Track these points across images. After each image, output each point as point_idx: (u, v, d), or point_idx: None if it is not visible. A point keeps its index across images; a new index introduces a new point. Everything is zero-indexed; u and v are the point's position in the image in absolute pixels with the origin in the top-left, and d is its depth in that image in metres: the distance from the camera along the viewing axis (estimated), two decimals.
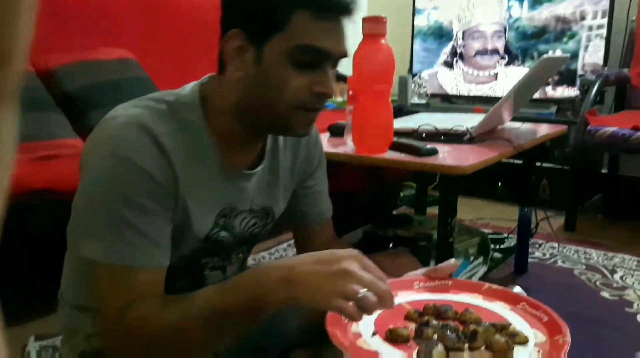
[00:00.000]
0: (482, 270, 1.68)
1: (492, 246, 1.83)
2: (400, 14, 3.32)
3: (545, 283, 1.93)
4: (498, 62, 3.07)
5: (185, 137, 0.80)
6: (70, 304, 0.91)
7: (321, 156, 1.05)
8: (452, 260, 0.85)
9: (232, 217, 0.90)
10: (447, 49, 3.21)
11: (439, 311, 0.75)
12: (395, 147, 1.35)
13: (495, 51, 3.08)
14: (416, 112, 2.55)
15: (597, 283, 1.92)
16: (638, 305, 1.75)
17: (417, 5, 3.35)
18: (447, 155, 1.34)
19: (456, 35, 3.18)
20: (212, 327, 0.72)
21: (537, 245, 2.26)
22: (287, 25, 0.76)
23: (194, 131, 0.81)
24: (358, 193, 1.77)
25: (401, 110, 3.01)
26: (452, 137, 1.54)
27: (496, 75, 3.09)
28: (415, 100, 3.35)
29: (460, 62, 3.16)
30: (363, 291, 0.65)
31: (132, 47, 2.11)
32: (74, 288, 0.91)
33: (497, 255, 1.92)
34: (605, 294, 1.84)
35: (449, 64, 3.23)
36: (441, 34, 3.25)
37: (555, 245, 2.25)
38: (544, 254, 2.20)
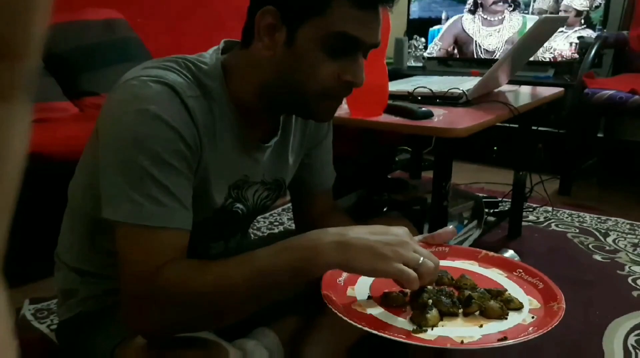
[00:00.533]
0: (476, 233, 1.69)
1: (486, 210, 1.83)
2: None
3: (538, 247, 1.95)
4: (507, 9, 3.05)
5: (208, 104, 0.79)
6: (68, 266, 0.91)
7: (329, 127, 1.05)
8: (450, 227, 0.85)
9: (245, 189, 0.90)
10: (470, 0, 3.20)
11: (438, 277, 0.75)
12: (390, 110, 1.33)
13: (506, 1, 3.06)
14: (412, 75, 2.52)
15: (590, 246, 1.94)
16: (629, 267, 1.77)
17: None
18: (442, 118, 1.32)
19: None
20: (254, 287, 0.70)
21: (531, 209, 2.26)
22: (326, 11, 0.74)
23: (216, 99, 0.80)
24: (353, 157, 1.76)
25: (397, 73, 2.98)
26: (448, 100, 1.52)
27: (503, 19, 3.07)
28: (412, 63, 3.31)
29: (480, 9, 3.13)
30: (422, 258, 0.68)
31: (121, 7, 2.06)
32: (72, 250, 0.90)
33: (491, 218, 1.92)
34: (597, 257, 1.85)
35: (472, 12, 3.19)
36: None
37: (550, 208, 2.26)
38: (538, 218, 2.21)
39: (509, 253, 1.64)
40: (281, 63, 0.78)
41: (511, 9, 3.04)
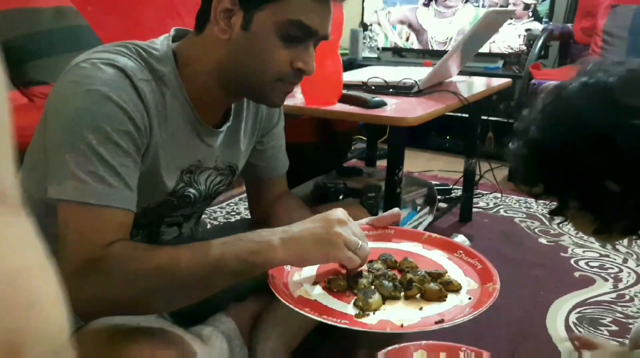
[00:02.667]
0: (429, 219, 1.74)
1: (438, 196, 1.89)
2: None
3: (488, 231, 2.02)
4: (460, 1, 3.13)
5: (158, 88, 0.79)
6: None
7: (281, 113, 1.06)
8: (395, 209, 0.88)
9: (198, 173, 0.90)
10: None
11: (382, 260, 0.78)
12: (344, 99, 1.36)
13: None
14: (367, 65, 2.56)
15: (536, 230, 2.03)
16: (572, 249, 1.87)
17: None
18: (394, 107, 1.36)
19: None
20: (202, 275, 0.71)
21: (481, 195, 2.34)
22: None
23: (167, 83, 0.80)
24: (309, 145, 1.78)
25: (352, 64, 3.01)
26: (401, 90, 1.56)
27: (455, 12, 3.14)
28: (367, 54, 3.35)
29: (434, 2, 3.20)
30: (360, 242, 0.72)
31: None
32: None
33: (443, 204, 1.99)
34: (543, 240, 1.94)
35: (426, 5, 3.25)
36: None
37: (499, 195, 2.35)
38: (488, 204, 2.29)
39: (460, 238, 1.71)
40: (236, 46, 0.79)
41: (464, 1, 3.12)
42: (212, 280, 0.72)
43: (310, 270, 0.77)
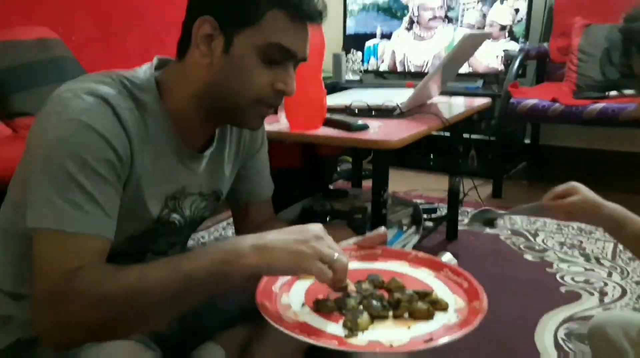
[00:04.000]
0: (415, 238, 1.76)
1: (424, 215, 1.91)
2: None
3: (474, 248, 2.05)
4: (441, 24, 3.22)
5: (141, 116, 0.80)
6: (3, 291, 0.89)
7: (264, 138, 1.07)
8: (382, 229, 0.89)
9: (182, 199, 0.90)
10: (406, 17, 3.32)
11: (370, 280, 0.79)
12: (328, 123, 1.38)
13: (439, 17, 3.21)
14: (350, 88, 2.60)
15: (521, 246, 2.05)
16: (557, 265, 1.89)
17: None
18: (377, 130, 1.38)
19: (412, 9, 3.28)
20: (172, 290, 0.69)
21: (466, 213, 2.37)
22: (261, 21, 0.78)
23: (149, 111, 0.81)
24: (295, 169, 1.79)
25: (336, 87, 3.05)
26: (383, 112, 1.59)
27: (434, 34, 3.23)
28: (350, 77, 3.39)
29: (416, 26, 3.28)
30: (336, 254, 0.70)
31: (55, 25, 2.02)
32: (7, 273, 0.88)
33: (429, 223, 2.01)
34: (528, 256, 1.97)
35: (408, 29, 3.32)
36: (397, 7, 3.34)
37: None
38: None
39: (447, 256, 1.72)
40: (218, 70, 0.80)
41: (444, 24, 3.19)
42: (185, 296, 0.71)
43: (299, 292, 0.77)
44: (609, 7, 2.71)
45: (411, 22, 3.29)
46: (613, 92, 2.41)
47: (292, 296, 0.76)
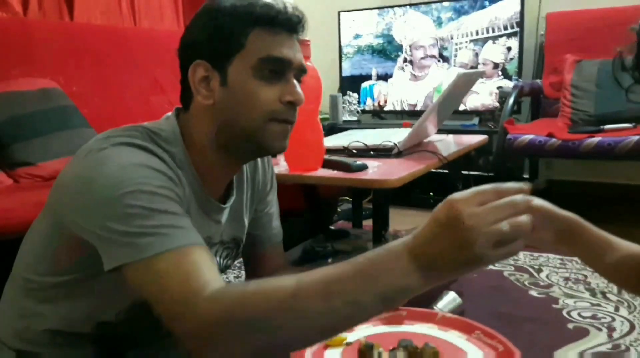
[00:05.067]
0: None
1: None
2: (328, 36, 3.41)
3: (477, 286, 2.02)
4: (435, 63, 3.28)
5: (174, 166, 0.80)
6: (10, 348, 0.87)
7: (273, 179, 1.07)
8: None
9: (209, 249, 0.90)
10: (400, 58, 3.39)
11: (402, 347, 0.75)
12: (327, 164, 1.39)
13: (432, 56, 3.28)
14: (348, 129, 2.62)
15: (526, 282, 2.03)
16: (563, 300, 1.86)
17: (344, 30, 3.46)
18: (376, 170, 1.39)
19: (405, 49, 3.35)
20: (336, 317, 0.60)
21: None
22: (246, 44, 0.80)
23: (178, 163, 0.81)
24: (296, 211, 1.79)
25: (333, 128, 3.09)
26: (381, 152, 1.60)
27: (427, 74, 3.30)
28: (347, 117, 3.44)
29: (409, 66, 3.35)
30: (503, 225, 0.56)
31: (56, 75, 2.06)
32: (15, 329, 0.87)
33: None
34: (533, 293, 1.94)
35: (401, 69, 3.38)
36: (391, 49, 3.42)
37: None
38: None
39: (451, 295, 1.70)
40: (223, 105, 0.81)
41: (439, 63, 3.26)
42: (346, 322, 0.62)
43: None
44: (599, 43, 2.77)
45: (405, 62, 3.35)
46: (608, 126, 2.43)
47: None
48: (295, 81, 0.84)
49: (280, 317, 0.60)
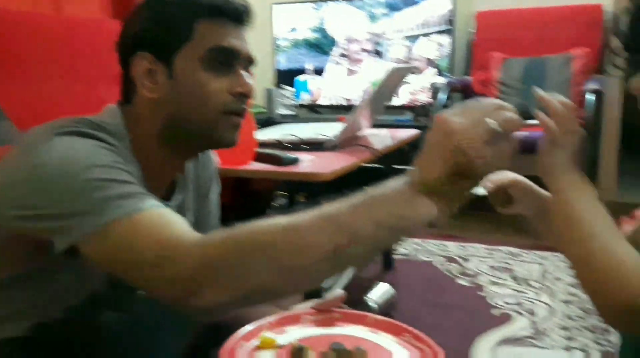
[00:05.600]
0: (351, 271, 1.76)
1: None
2: (262, 29, 3.39)
3: (409, 277, 2.08)
4: (369, 58, 3.32)
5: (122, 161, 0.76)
6: None
7: (216, 176, 1.05)
8: (340, 291, 0.87)
9: None
10: (335, 52, 3.40)
11: (334, 349, 0.76)
12: (259, 158, 1.38)
13: (367, 51, 3.31)
14: (284, 123, 2.62)
15: (454, 272, 2.11)
16: (489, 288, 1.95)
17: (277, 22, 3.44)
18: (309, 163, 1.40)
19: (339, 43, 3.38)
20: (336, 247, 0.58)
21: (401, 242, 2.41)
22: (193, 35, 0.78)
23: (125, 157, 0.77)
24: (229, 205, 1.77)
25: (269, 121, 3.07)
26: (315, 145, 1.60)
27: (362, 67, 3.34)
28: (283, 111, 3.42)
29: (344, 60, 3.37)
30: (492, 121, 0.59)
31: None
32: None
33: None
34: (461, 282, 2.02)
35: (336, 63, 3.40)
36: (326, 43, 3.42)
37: (418, 240, 2.42)
38: (408, 250, 2.36)
39: (384, 286, 1.74)
40: (170, 98, 0.79)
41: (373, 57, 3.30)
42: (348, 254, 0.60)
43: None
44: (525, 41, 2.90)
45: (340, 56, 3.38)
46: (531, 121, 2.55)
47: None
48: (244, 72, 0.82)
49: (273, 248, 0.58)
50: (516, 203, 0.82)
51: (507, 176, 0.83)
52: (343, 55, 3.36)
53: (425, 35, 3.15)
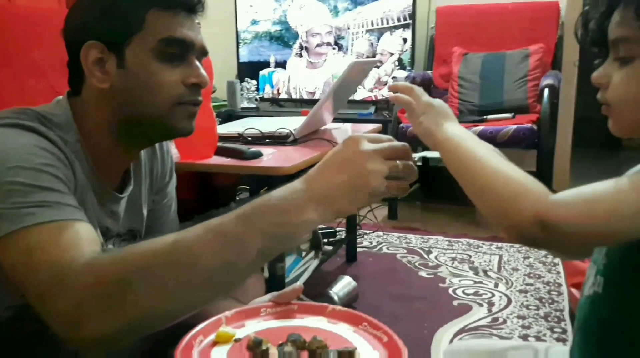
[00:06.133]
0: (314, 263, 1.77)
1: (323, 239, 1.93)
2: (224, 21, 3.35)
3: (372, 269, 2.10)
4: (331, 51, 3.33)
5: (68, 152, 0.75)
6: None
7: (172, 170, 1.03)
8: (297, 284, 0.87)
9: (105, 242, 0.84)
10: (296, 45, 3.38)
11: (291, 341, 0.76)
12: (220, 152, 1.37)
13: (328, 44, 3.32)
14: (246, 116, 2.60)
15: (416, 264, 2.14)
16: (449, 279, 1.98)
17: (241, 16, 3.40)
18: (271, 157, 1.39)
19: (301, 35, 3.35)
20: (224, 258, 0.58)
21: (364, 235, 2.43)
22: (144, 25, 0.76)
23: (72, 150, 0.75)
24: (190, 200, 1.75)
25: (231, 115, 3.04)
26: (277, 139, 1.60)
27: (325, 61, 3.35)
28: (245, 104, 3.40)
29: (306, 53, 3.35)
30: (399, 164, 0.62)
31: None
32: None
33: (329, 247, 2.03)
34: (423, 273, 2.05)
35: (299, 55, 3.38)
36: (289, 36, 3.41)
37: (381, 233, 2.45)
38: (371, 243, 2.38)
39: (346, 279, 1.75)
40: (122, 89, 0.77)
41: (335, 51, 3.31)
42: (238, 263, 0.59)
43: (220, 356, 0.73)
44: (484, 37, 2.95)
45: (301, 49, 3.37)
46: (490, 116, 2.60)
47: None
48: (197, 63, 0.81)
49: (159, 269, 0.57)
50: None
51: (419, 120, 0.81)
52: (306, 48, 3.36)
53: (389, 29, 3.17)
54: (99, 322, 0.57)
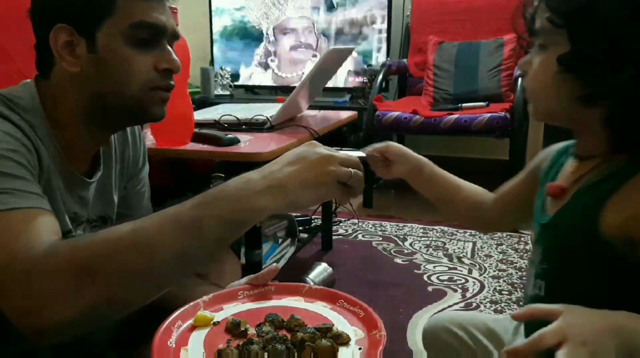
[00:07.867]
0: (291, 251, 1.77)
1: (299, 227, 1.93)
2: (198, 7, 3.30)
3: (348, 256, 2.11)
4: (311, 58, 3.23)
5: (33, 136, 0.73)
6: None
7: (145, 156, 1.02)
8: (274, 265, 0.87)
9: (74, 227, 0.83)
10: (260, 49, 3.30)
11: (269, 321, 0.76)
12: (196, 138, 1.35)
13: (309, 46, 3.24)
14: (220, 103, 2.57)
15: (392, 251, 2.16)
16: (424, 266, 2.01)
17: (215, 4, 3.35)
18: (248, 144, 1.38)
19: (267, 33, 3.26)
20: (181, 244, 0.59)
21: (339, 223, 2.44)
22: (115, 9, 0.75)
23: (38, 134, 0.74)
24: (165, 187, 1.73)
25: (205, 102, 3.00)
26: (254, 126, 1.59)
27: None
28: (219, 91, 3.36)
29: (275, 62, 3.28)
30: (352, 170, 0.66)
31: None
32: None
33: (304, 235, 2.04)
34: (398, 260, 2.07)
35: (263, 65, 3.31)
36: (249, 35, 3.30)
37: (356, 221, 2.46)
38: (347, 230, 2.39)
39: (322, 266, 1.76)
40: (93, 73, 0.76)
41: (312, 37, 3.28)
42: (193, 249, 0.61)
43: (197, 346, 0.72)
44: (458, 26, 2.97)
45: (279, 35, 3.34)
46: (465, 104, 2.63)
47: (191, 351, 0.71)
48: (169, 48, 0.81)
49: (117, 257, 0.58)
50: (394, 166, 0.93)
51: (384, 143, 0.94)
52: (283, 34, 3.33)
53: (364, 17, 3.17)
54: (55, 310, 0.57)
